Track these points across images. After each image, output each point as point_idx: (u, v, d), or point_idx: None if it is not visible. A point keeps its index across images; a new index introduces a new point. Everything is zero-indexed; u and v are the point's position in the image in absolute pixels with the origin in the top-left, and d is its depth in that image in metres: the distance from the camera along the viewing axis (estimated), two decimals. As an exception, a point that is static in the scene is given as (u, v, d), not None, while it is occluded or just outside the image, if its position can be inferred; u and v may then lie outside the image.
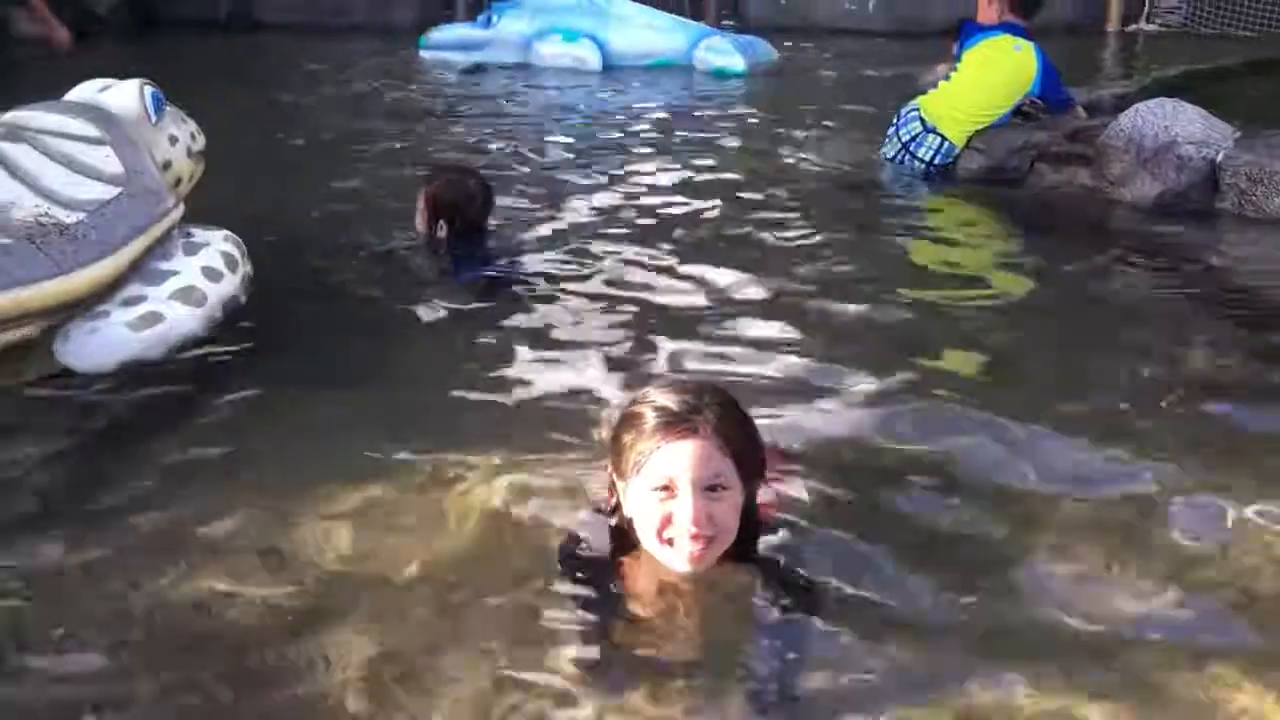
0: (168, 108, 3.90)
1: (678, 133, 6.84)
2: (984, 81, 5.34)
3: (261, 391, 3.04)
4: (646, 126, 7.11)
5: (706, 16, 12.16)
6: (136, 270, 3.30)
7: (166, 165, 3.79)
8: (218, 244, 3.54)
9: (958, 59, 5.54)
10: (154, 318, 3.19)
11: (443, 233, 4.08)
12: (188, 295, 3.30)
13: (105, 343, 3.10)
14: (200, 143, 4.04)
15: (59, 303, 3.07)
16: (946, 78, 5.48)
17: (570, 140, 6.74)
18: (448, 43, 10.35)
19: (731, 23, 12.29)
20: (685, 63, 9.72)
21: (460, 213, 4.09)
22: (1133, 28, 11.65)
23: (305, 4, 12.63)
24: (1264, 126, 4.78)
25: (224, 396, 3.00)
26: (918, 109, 5.45)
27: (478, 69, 9.64)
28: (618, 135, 6.84)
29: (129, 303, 3.21)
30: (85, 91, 3.83)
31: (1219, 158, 4.52)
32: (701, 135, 6.78)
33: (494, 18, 10.34)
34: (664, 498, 1.99)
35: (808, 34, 11.81)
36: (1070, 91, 5.47)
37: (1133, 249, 4.32)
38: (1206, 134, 4.60)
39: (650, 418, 2.03)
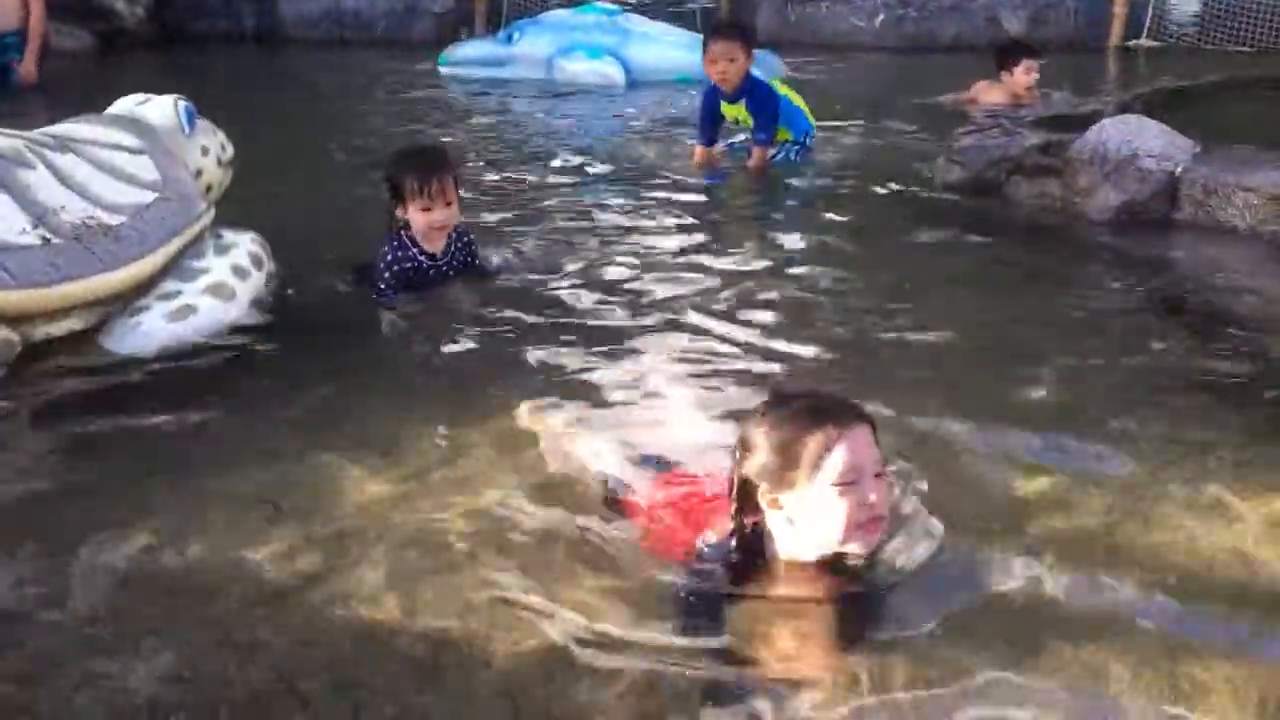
0: (199, 120, 4.25)
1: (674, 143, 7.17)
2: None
3: (281, 373, 3.42)
4: (650, 139, 7.44)
5: (718, 32, 12.45)
6: (172, 268, 3.66)
7: (198, 173, 4.14)
8: (245, 245, 3.89)
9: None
10: (188, 310, 3.54)
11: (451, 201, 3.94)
12: (218, 291, 3.65)
13: (145, 332, 3.47)
14: (229, 153, 4.39)
15: (103, 296, 3.44)
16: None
17: (583, 149, 7.10)
18: (469, 59, 10.64)
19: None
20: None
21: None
22: (1133, 44, 11.88)
23: (326, 18, 13.03)
24: (1226, 141, 5.06)
25: (248, 377, 3.37)
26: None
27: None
28: (627, 144, 7.18)
29: (166, 297, 3.57)
30: (124, 105, 4.19)
31: (1178, 171, 4.81)
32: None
33: (515, 35, 10.63)
34: (844, 491, 2.07)
35: (817, 50, 12.09)
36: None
37: (1091, 256, 4.62)
38: (1167, 148, 4.88)
39: (810, 420, 2.10)
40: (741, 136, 6.34)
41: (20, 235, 3.30)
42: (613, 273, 4.40)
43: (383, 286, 3.95)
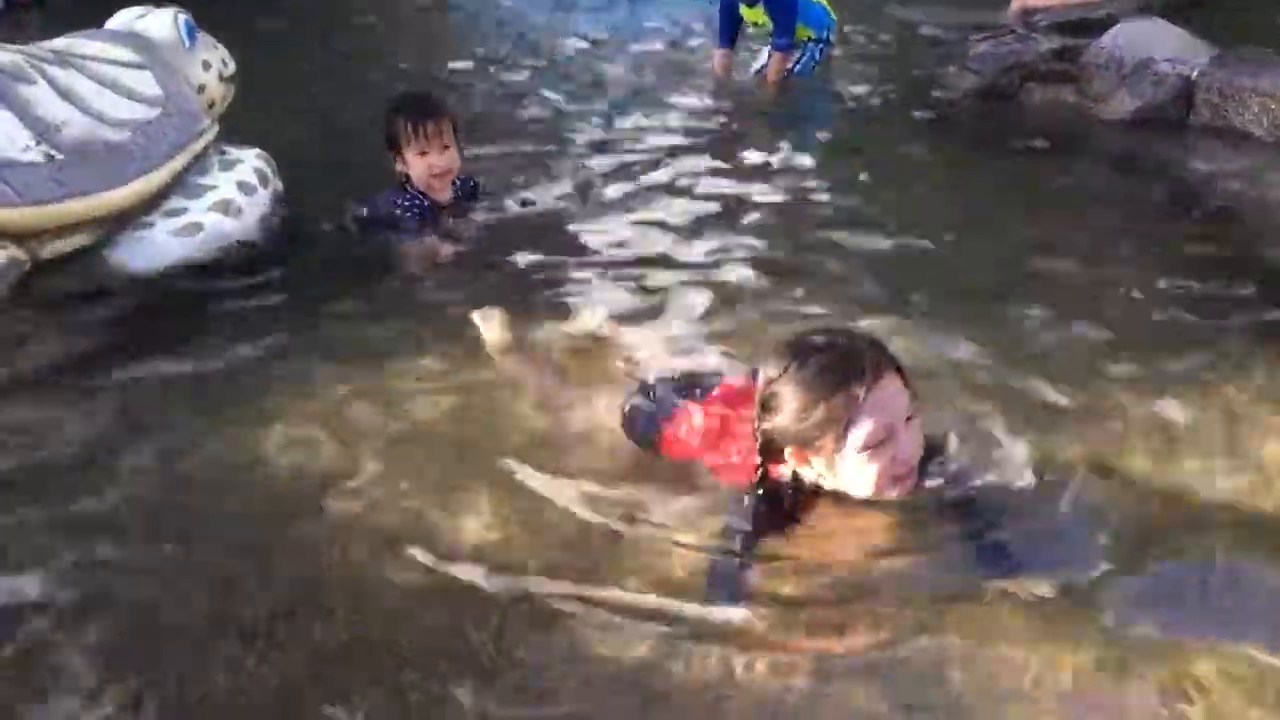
0: (200, 34, 4.18)
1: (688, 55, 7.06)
2: None
3: (291, 291, 3.40)
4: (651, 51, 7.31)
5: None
6: (177, 185, 3.63)
7: (200, 88, 4.08)
8: (251, 161, 3.85)
9: None
10: (194, 227, 3.52)
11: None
12: (224, 207, 3.62)
13: (152, 249, 3.45)
14: (231, 68, 4.32)
15: (108, 212, 3.41)
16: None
17: (591, 64, 6.98)
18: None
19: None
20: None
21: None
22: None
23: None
24: (1243, 46, 4.97)
25: (257, 295, 3.36)
26: None
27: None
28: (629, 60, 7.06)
29: (172, 214, 3.54)
30: (123, 19, 4.11)
31: (1194, 75, 4.73)
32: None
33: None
34: (875, 454, 1.97)
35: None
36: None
37: (1105, 160, 4.59)
38: (1183, 52, 4.81)
39: (835, 380, 1.96)
40: (765, 54, 6.20)
41: (24, 152, 3.26)
42: (623, 195, 4.34)
43: (412, 227, 3.75)
